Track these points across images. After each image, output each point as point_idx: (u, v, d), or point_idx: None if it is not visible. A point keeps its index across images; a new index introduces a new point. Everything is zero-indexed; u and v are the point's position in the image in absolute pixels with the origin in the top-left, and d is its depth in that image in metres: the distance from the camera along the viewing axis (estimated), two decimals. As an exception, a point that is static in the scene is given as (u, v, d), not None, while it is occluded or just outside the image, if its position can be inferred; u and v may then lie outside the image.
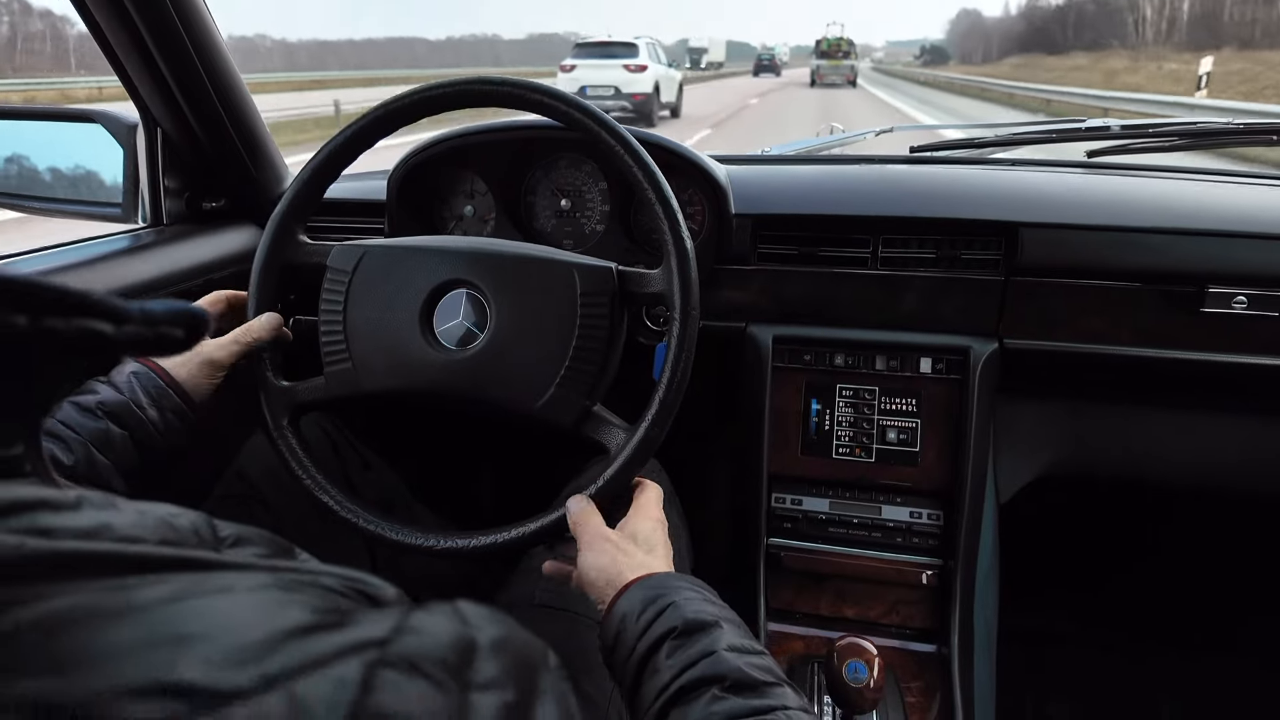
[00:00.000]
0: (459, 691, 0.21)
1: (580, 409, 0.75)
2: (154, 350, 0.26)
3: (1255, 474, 1.15)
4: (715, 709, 0.46)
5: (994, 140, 1.25)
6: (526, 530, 0.74)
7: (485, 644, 0.23)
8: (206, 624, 0.20)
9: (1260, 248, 0.93)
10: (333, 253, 0.82)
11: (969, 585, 1.01)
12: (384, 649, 0.21)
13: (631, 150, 0.76)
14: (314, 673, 0.20)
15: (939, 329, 1.02)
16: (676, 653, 0.50)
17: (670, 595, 0.55)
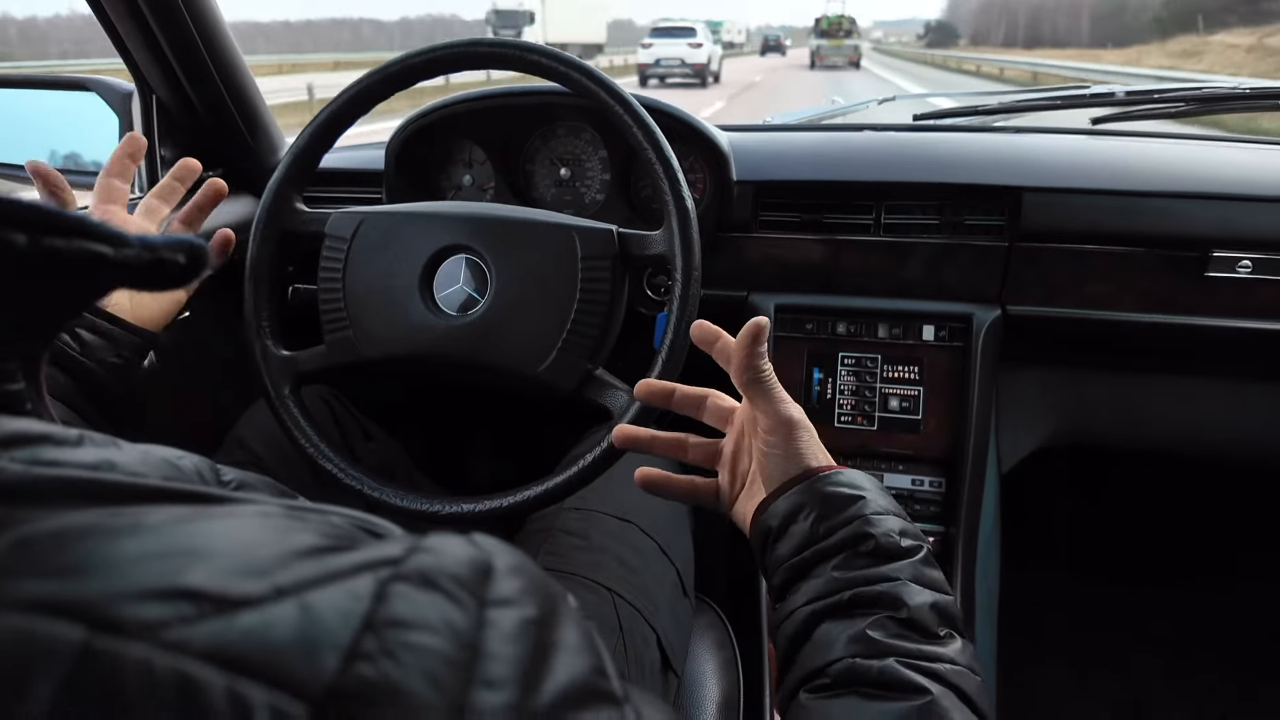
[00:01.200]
0: (476, 607, 0.21)
1: (582, 372, 0.75)
2: (154, 278, 0.26)
3: (1259, 441, 1.15)
4: (877, 636, 0.42)
5: (998, 107, 1.24)
6: (530, 494, 0.74)
7: (502, 566, 0.23)
8: (217, 541, 0.20)
9: (1266, 211, 0.93)
10: (330, 220, 0.82)
11: (970, 552, 1.01)
12: (398, 566, 0.21)
13: (632, 111, 0.75)
14: (327, 585, 0.19)
15: (942, 296, 1.02)
16: (856, 570, 0.46)
17: (859, 507, 0.49)
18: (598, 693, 0.22)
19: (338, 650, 0.18)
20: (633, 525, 0.88)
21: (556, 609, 0.23)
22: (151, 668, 0.16)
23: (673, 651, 0.80)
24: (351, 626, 0.18)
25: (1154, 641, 1.43)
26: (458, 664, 0.19)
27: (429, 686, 0.18)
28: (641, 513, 0.90)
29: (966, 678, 0.42)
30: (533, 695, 0.20)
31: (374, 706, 0.17)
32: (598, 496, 0.89)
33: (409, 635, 0.19)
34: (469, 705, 0.18)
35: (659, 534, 0.89)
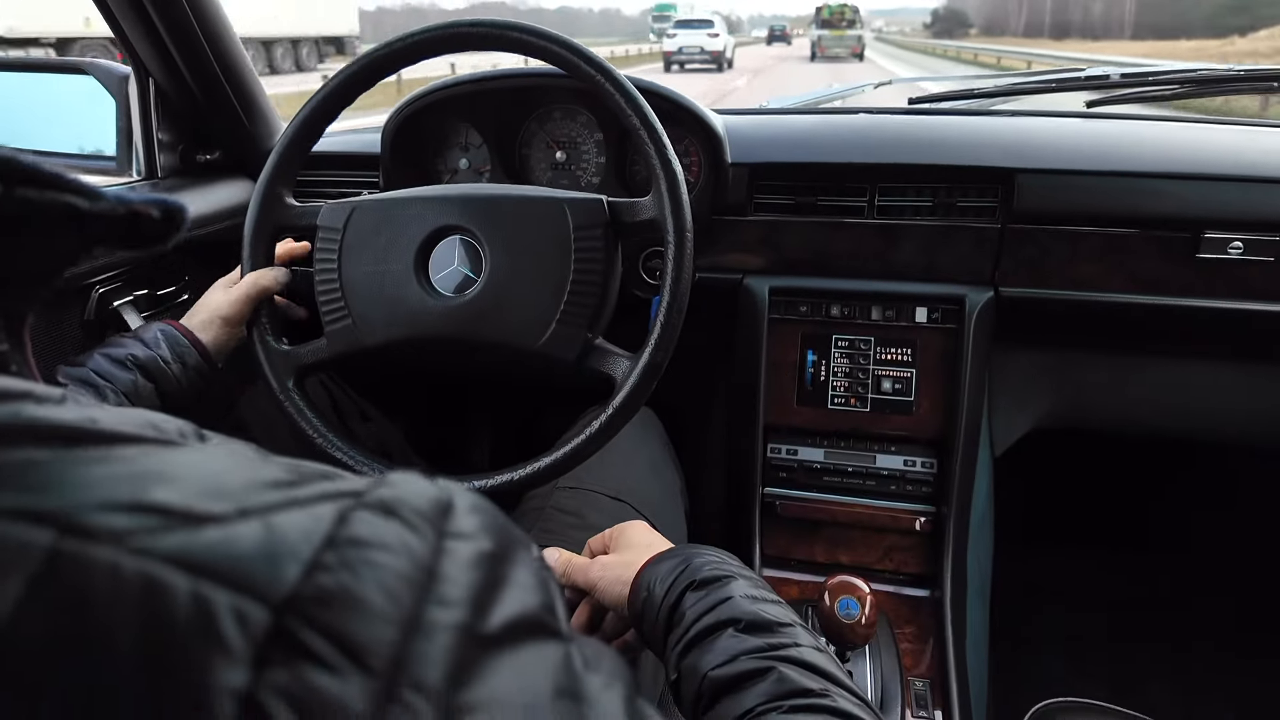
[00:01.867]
0: (435, 537, 0.22)
1: (583, 342, 0.76)
2: (130, 233, 0.27)
3: (1251, 423, 1.16)
4: (730, 645, 0.50)
5: (993, 91, 1.24)
6: (520, 473, 0.75)
7: (462, 505, 0.24)
8: (184, 470, 0.21)
9: (1257, 191, 0.93)
10: (322, 212, 0.82)
11: (962, 532, 1.02)
12: (360, 497, 0.22)
13: (617, 83, 0.75)
14: (291, 509, 0.20)
15: (935, 278, 1.02)
16: (697, 603, 0.54)
17: (690, 558, 0.59)
18: (544, 628, 0.23)
19: (299, 562, 0.19)
20: (625, 504, 0.89)
21: (513, 550, 0.24)
22: (118, 569, 0.17)
23: None
24: (313, 543, 0.19)
25: (1148, 621, 1.45)
26: (414, 582, 0.20)
27: (385, 598, 0.19)
28: (634, 492, 0.91)
29: (805, 650, 0.49)
30: (482, 618, 0.21)
31: (331, 611, 0.18)
32: (592, 476, 0.90)
33: (367, 553, 0.20)
34: (422, 619, 0.19)
35: (651, 512, 0.90)
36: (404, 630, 0.19)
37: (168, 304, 0.99)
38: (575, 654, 0.24)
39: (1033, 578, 1.43)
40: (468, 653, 0.20)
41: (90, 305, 0.89)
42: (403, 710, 0.18)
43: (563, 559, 0.70)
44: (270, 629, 0.17)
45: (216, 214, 1.03)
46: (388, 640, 0.19)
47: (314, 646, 0.18)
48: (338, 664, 0.18)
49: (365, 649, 0.18)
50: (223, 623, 0.17)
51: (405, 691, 0.18)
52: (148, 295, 0.96)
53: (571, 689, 0.22)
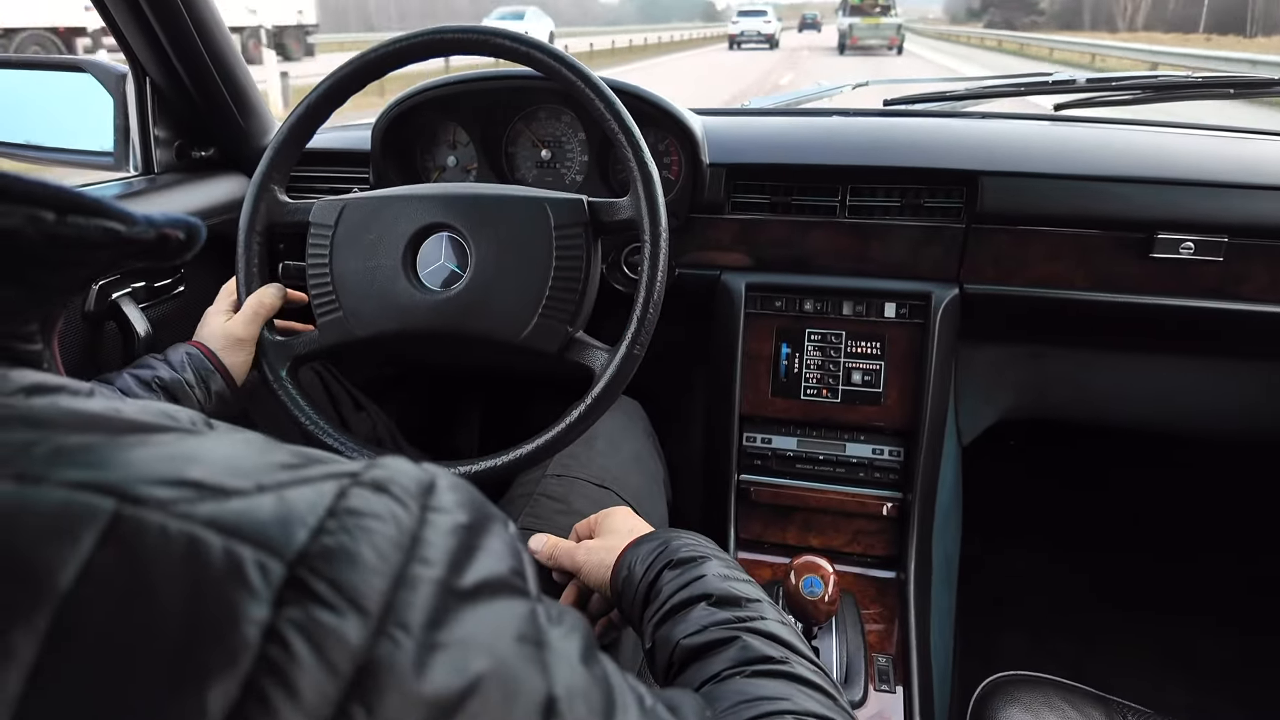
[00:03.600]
0: (420, 510, 0.27)
1: (564, 335, 0.80)
2: (159, 251, 0.31)
3: (1204, 415, 1.22)
4: (701, 617, 0.54)
5: (964, 93, 1.29)
6: (502, 460, 0.79)
7: (444, 485, 0.29)
8: (208, 453, 0.25)
9: (1207, 195, 0.98)
10: (314, 209, 0.86)
11: (927, 516, 1.07)
12: (356, 477, 0.27)
13: (594, 86, 0.79)
14: (299, 486, 0.25)
15: (904, 275, 1.07)
16: (673, 580, 0.59)
17: (669, 540, 0.64)
18: (512, 587, 0.28)
19: (307, 527, 0.24)
20: (610, 491, 0.93)
21: (487, 523, 0.29)
22: (167, 529, 0.22)
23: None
24: (318, 513, 0.24)
25: (1110, 607, 1.50)
26: (401, 545, 0.25)
27: (377, 556, 0.24)
28: (619, 480, 0.95)
29: (770, 623, 0.54)
30: (457, 576, 0.26)
31: (333, 565, 0.23)
32: (579, 464, 0.95)
33: (362, 520, 0.25)
34: (407, 573, 0.24)
35: (635, 500, 0.94)
36: (393, 582, 0.24)
37: (164, 296, 1.02)
38: (540, 610, 0.29)
39: (1000, 562, 1.49)
40: (443, 602, 0.25)
41: (90, 298, 0.92)
42: (390, 642, 0.23)
43: (549, 543, 0.75)
44: (286, 578, 0.22)
45: (212, 209, 1.07)
46: (379, 589, 0.23)
47: (320, 591, 0.22)
48: (339, 605, 0.23)
49: (361, 594, 0.23)
50: (249, 572, 0.22)
51: (393, 628, 0.23)
52: (145, 287, 1.00)
53: (534, 636, 0.27)
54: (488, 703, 0.24)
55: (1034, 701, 0.78)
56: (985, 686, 0.82)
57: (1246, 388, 1.17)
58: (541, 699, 0.26)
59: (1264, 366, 1.15)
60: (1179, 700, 1.29)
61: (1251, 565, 1.51)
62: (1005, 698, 0.79)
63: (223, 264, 0.93)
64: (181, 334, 1.05)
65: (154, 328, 0.97)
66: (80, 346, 0.92)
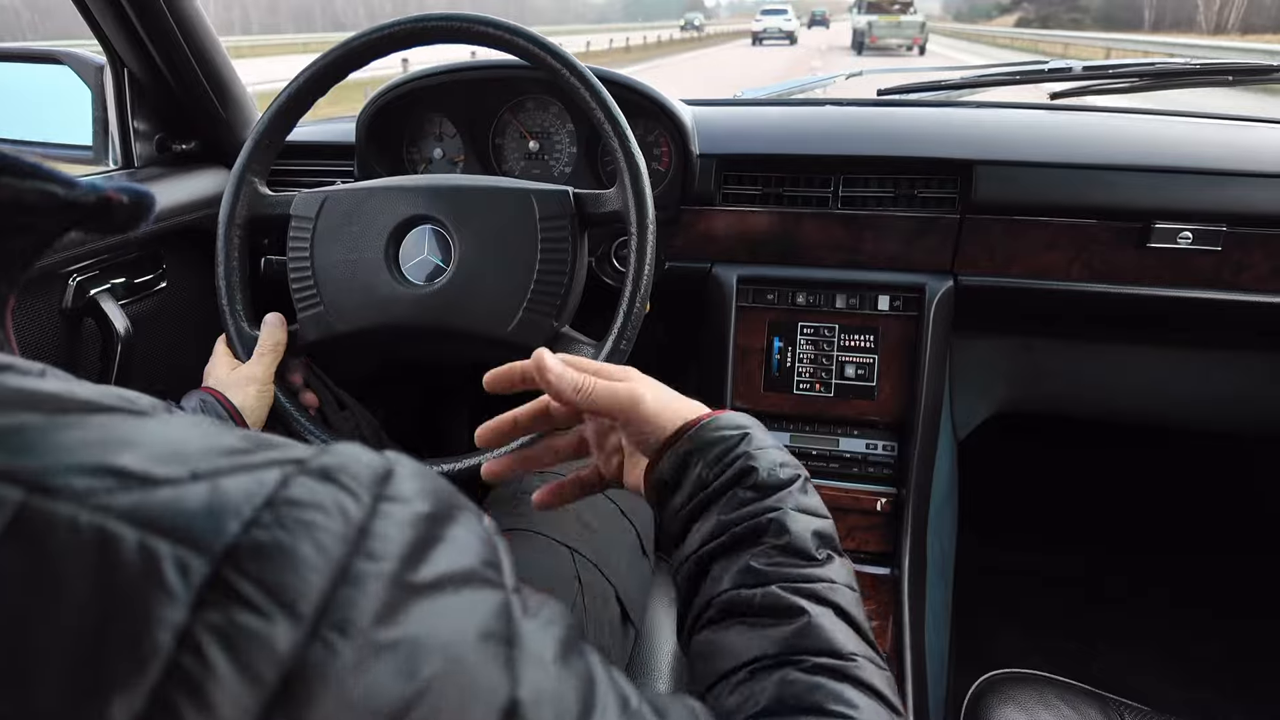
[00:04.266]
0: (372, 500, 0.24)
1: (549, 330, 0.78)
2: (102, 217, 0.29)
3: (1202, 407, 1.20)
4: (759, 565, 0.44)
5: (959, 82, 1.27)
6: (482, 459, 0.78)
7: (403, 473, 0.26)
8: (147, 437, 0.23)
9: (1204, 183, 0.96)
10: (295, 201, 0.84)
11: (921, 512, 1.06)
12: (303, 464, 0.24)
13: (581, 76, 0.77)
14: (238, 474, 0.23)
15: (897, 267, 1.05)
16: (742, 507, 0.47)
17: (745, 444, 0.50)
18: (480, 578, 0.26)
19: (239, 520, 0.22)
20: None
21: (453, 514, 0.27)
22: (77, 523, 0.20)
23: (631, 606, 0.84)
24: (254, 504, 0.22)
25: (1107, 602, 1.49)
26: (345, 538, 0.23)
27: (315, 550, 0.22)
28: None
29: (842, 593, 0.44)
30: (412, 570, 0.24)
31: (264, 561, 0.21)
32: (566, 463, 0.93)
33: (302, 512, 0.23)
34: (351, 569, 0.22)
35: (619, 497, 0.93)
36: (333, 579, 0.22)
37: (144, 292, 1.01)
38: (515, 602, 0.27)
39: (996, 558, 1.48)
40: (394, 598, 0.23)
41: (68, 294, 0.90)
42: (323, 647, 0.21)
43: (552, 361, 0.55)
44: (209, 577, 0.20)
45: (193, 203, 1.05)
46: (317, 587, 0.21)
47: (245, 592, 0.20)
48: (266, 608, 0.21)
49: (294, 594, 0.21)
50: (165, 569, 0.20)
51: (327, 631, 0.21)
52: (125, 283, 0.98)
53: (503, 633, 0.25)
54: (439, 709, 0.22)
55: (1029, 700, 0.77)
56: (980, 685, 0.80)
57: (1245, 378, 1.16)
58: (503, 703, 0.24)
59: (1263, 357, 1.13)
60: (1176, 695, 1.28)
61: (1248, 558, 1.50)
62: (1000, 696, 0.77)
63: (205, 259, 0.91)
64: (163, 331, 1.04)
65: (134, 325, 0.95)
66: (58, 345, 0.91)
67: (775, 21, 32.88)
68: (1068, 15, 41.33)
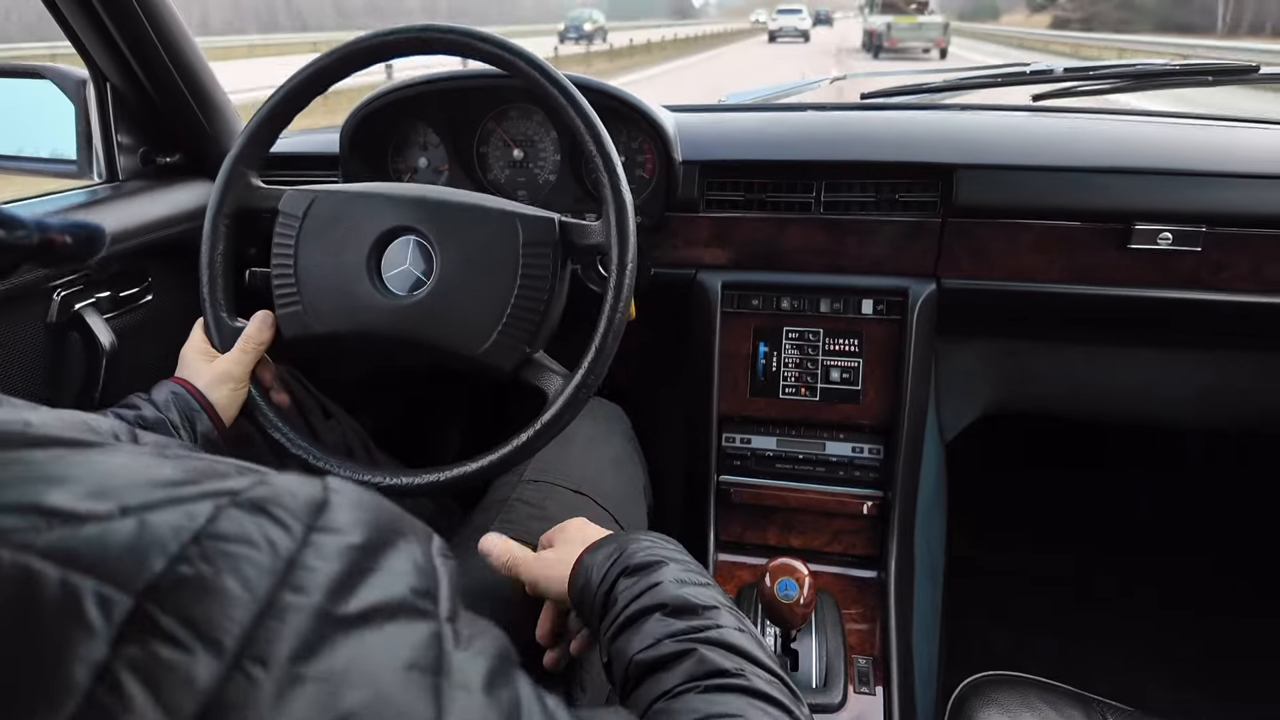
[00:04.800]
0: (303, 531, 0.25)
1: (521, 355, 0.78)
2: (46, 255, 0.29)
3: (1184, 406, 1.21)
4: (656, 628, 0.53)
5: (943, 85, 1.27)
6: (482, 464, 0.78)
7: (340, 503, 0.27)
8: (81, 471, 0.24)
9: (1184, 184, 0.97)
10: (284, 197, 0.84)
11: (908, 515, 1.06)
12: (235, 495, 0.25)
13: (573, 100, 0.77)
14: (168, 508, 0.23)
15: (880, 271, 1.06)
16: (629, 588, 0.57)
17: (625, 545, 0.62)
18: (410, 609, 0.26)
19: (164, 555, 0.22)
20: (587, 498, 0.92)
21: (390, 540, 0.27)
22: (0, 562, 0.20)
23: None
24: (181, 539, 0.22)
25: (1094, 603, 1.50)
26: (272, 571, 0.23)
27: (240, 585, 0.22)
28: (597, 486, 0.94)
29: (727, 631, 0.52)
30: (339, 602, 0.24)
31: (186, 597, 0.21)
32: (555, 470, 0.93)
33: (228, 546, 0.23)
34: (276, 602, 0.22)
35: (614, 506, 0.93)
36: (257, 613, 0.22)
37: (130, 305, 1.01)
38: (447, 632, 0.27)
39: (986, 560, 1.48)
40: (319, 631, 0.23)
41: (53, 308, 0.90)
42: (245, 679, 0.21)
43: (504, 548, 0.72)
44: (130, 612, 0.20)
45: (178, 216, 1.05)
46: (240, 621, 0.22)
47: (167, 627, 0.21)
48: (187, 642, 0.21)
49: (215, 628, 0.21)
50: (86, 606, 0.20)
51: (249, 664, 0.21)
52: (110, 297, 0.98)
53: (431, 663, 0.25)
54: None
55: (1012, 702, 0.77)
56: (963, 688, 0.81)
57: (1227, 378, 1.16)
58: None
59: (1244, 356, 1.14)
60: (1161, 696, 1.28)
61: (1234, 558, 1.51)
62: (983, 699, 0.78)
63: (190, 272, 0.91)
64: (148, 344, 1.04)
65: (119, 338, 0.95)
66: (42, 359, 0.91)
67: (791, 21, 35.88)
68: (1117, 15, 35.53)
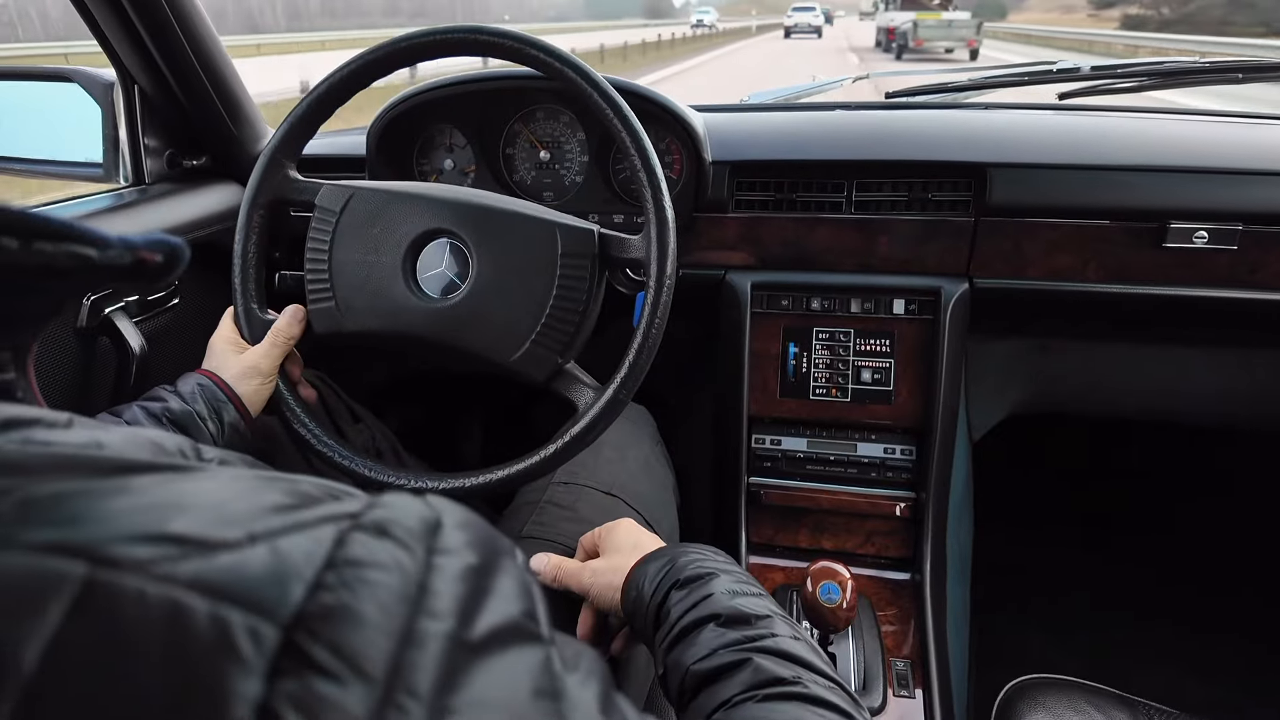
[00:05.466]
0: (425, 554, 0.24)
1: (553, 366, 0.77)
2: (136, 276, 0.28)
3: (1220, 405, 1.20)
4: (711, 639, 0.53)
5: (968, 84, 1.27)
6: (507, 473, 0.77)
7: (450, 523, 0.26)
8: (195, 499, 0.23)
9: (1220, 183, 0.96)
10: (321, 192, 0.84)
11: (941, 516, 1.05)
12: (357, 519, 0.24)
13: (613, 104, 0.77)
14: (294, 533, 0.22)
15: (912, 271, 1.05)
16: (681, 600, 0.58)
17: (676, 558, 0.62)
18: (525, 632, 0.25)
19: (303, 583, 0.21)
20: (618, 499, 0.91)
21: (498, 561, 0.26)
22: (145, 595, 0.19)
23: None
24: (315, 565, 0.21)
25: (1126, 600, 1.49)
26: (406, 597, 0.22)
27: (380, 612, 0.21)
28: (627, 489, 0.93)
29: (782, 640, 0.52)
30: (468, 627, 0.23)
31: (334, 625, 0.20)
32: (586, 471, 0.93)
33: (364, 572, 0.22)
34: (414, 630, 0.22)
35: (644, 508, 0.92)
36: (399, 641, 0.21)
37: (159, 309, 1.00)
38: (555, 656, 0.26)
39: (1013, 559, 1.47)
40: (455, 659, 0.22)
41: (83, 313, 0.90)
42: (398, 713, 0.20)
43: (553, 565, 0.73)
44: (281, 644, 0.20)
45: (205, 219, 1.05)
46: (384, 650, 0.21)
47: (319, 659, 0.20)
48: (341, 674, 0.20)
49: (364, 659, 0.20)
50: (239, 639, 0.19)
51: (401, 696, 0.20)
52: (139, 301, 0.97)
53: (550, 689, 0.25)
54: None
55: (1059, 705, 0.76)
56: (1009, 690, 0.80)
57: (1262, 376, 1.16)
58: None
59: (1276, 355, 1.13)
60: (1200, 696, 1.27)
61: (1265, 556, 1.50)
62: (1030, 702, 0.77)
63: (218, 275, 0.91)
64: (177, 348, 1.03)
65: (149, 342, 0.95)
66: (73, 364, 0.90)
67: (805, 18, 39.98)
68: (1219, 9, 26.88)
